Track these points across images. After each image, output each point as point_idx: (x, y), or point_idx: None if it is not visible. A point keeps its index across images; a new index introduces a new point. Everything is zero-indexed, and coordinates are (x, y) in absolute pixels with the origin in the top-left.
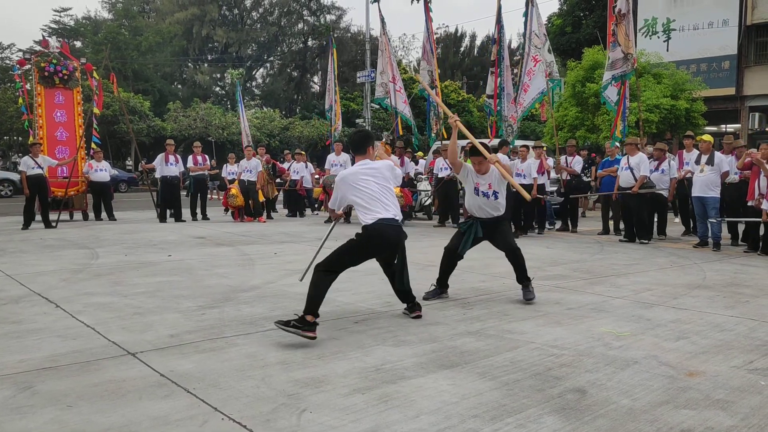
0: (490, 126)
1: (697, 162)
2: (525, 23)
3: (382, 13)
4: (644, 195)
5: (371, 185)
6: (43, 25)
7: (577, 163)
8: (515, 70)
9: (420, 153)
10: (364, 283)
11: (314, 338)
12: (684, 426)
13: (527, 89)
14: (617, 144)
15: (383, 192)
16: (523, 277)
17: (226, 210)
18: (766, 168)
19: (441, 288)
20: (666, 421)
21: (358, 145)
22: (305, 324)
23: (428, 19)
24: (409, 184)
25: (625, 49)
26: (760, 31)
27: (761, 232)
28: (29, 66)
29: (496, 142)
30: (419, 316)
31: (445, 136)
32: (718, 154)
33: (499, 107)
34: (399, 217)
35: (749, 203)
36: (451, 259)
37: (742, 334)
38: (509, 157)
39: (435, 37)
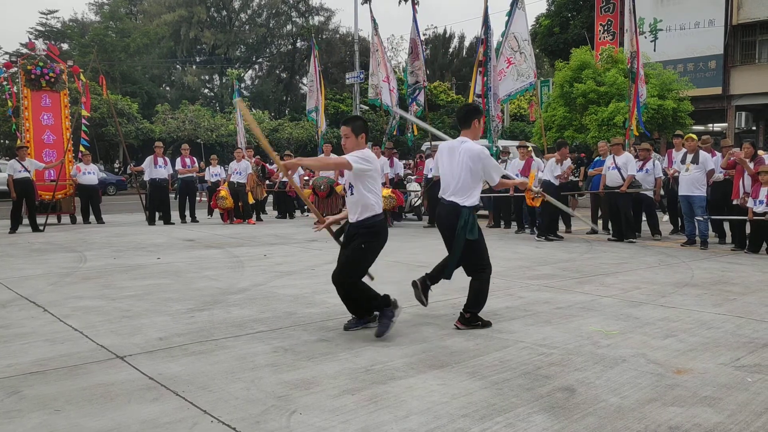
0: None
1: (683, 161)
2: (506, 23)
3: (373, 13)
4: (631, 194)
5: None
6: (30, 27)
7: (565, 163)
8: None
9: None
10: None
11: None
12: (672, 423)
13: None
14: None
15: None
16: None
17: (210, 212)
18: (749, 167)
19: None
20: (654, 418)
21: (463, 119)
22: None
23: (415, 20)
24: (399, 185)
25: (631, 47)
26: (746, 30)
27: (747, 230)
28: (15, 69)
29: (484, 141)
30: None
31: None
32: (703, 153)
33: (487, 107)
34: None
35: (734, 202)
36: None
37: (729, 332)
38: (499, 158)
39: (424, 38)
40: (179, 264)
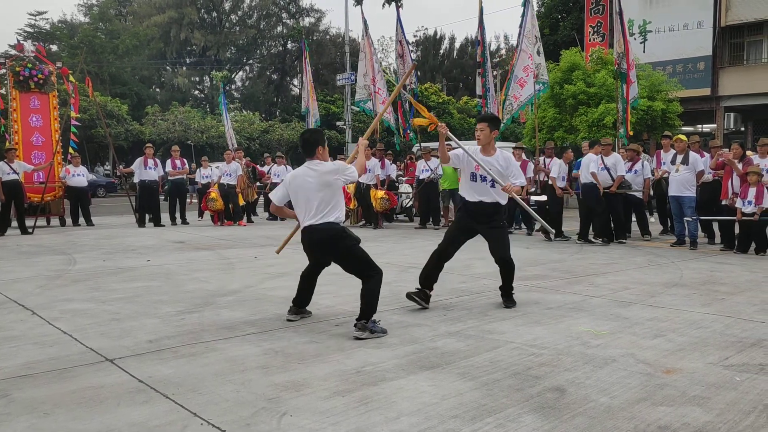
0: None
1: (673, 162)
2: (521, 24)
3: (364, 15)
4: (621, 194)
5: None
6: (18, 28)
7: (554, 164)
8: (495, 72)
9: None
10: (345, 286)
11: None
12: (661, 422)
13: (524, 85)
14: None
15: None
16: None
17: (201, 214)
18: (738, 168)
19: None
20: (643, 418)
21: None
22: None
23: (399, 21)
24: (391, 186)
25: (619, 48)
26: (734, 32)
27: (736, 230)
28: (4, 70)
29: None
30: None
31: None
32: (692, 154)
33: (487, 107)
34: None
35: (723, 202)
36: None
37: (717, 331)
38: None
39: (414, 39)
40: (169, 266)
